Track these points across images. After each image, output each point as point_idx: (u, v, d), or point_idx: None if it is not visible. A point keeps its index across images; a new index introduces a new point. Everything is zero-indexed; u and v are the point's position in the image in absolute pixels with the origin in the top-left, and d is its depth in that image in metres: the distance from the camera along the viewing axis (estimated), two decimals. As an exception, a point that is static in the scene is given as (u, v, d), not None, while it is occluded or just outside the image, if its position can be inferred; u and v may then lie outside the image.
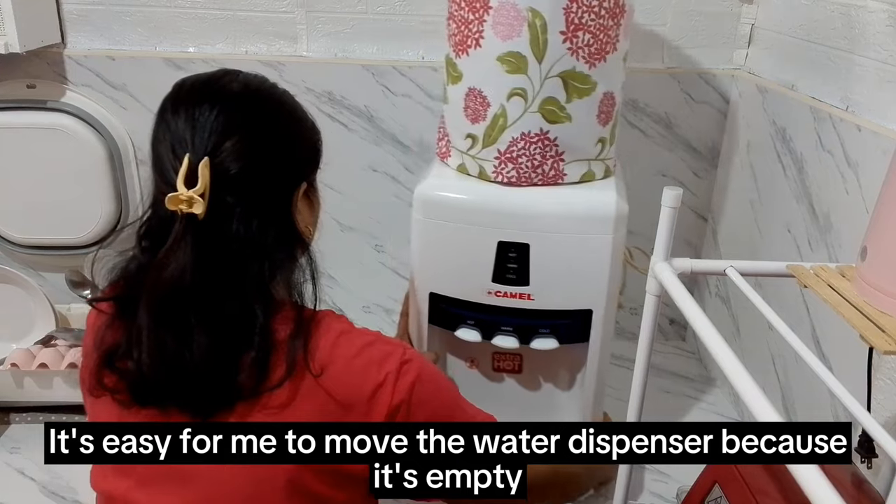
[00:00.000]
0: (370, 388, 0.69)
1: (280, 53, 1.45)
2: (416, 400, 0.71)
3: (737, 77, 1.47)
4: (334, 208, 1.56)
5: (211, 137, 0.67)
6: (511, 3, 0.94)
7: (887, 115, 1.01)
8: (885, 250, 0.62)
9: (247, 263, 0.68)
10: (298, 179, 0.75)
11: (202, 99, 0.69)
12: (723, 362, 0.62)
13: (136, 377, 0.67)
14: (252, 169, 0.68)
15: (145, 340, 0.66)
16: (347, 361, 0.69)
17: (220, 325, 0.66)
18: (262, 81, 0.75)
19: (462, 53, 1.02)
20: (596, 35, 0.96)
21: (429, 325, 1.11)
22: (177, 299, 0.65)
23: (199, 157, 0.66)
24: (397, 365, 0.70)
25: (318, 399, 0.68)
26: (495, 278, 1.03)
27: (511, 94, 0.98)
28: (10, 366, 1.31)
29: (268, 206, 0.70)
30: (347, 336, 0.71)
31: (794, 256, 1.21)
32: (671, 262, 0.78)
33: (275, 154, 0.71)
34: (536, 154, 1.01)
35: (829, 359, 1.10)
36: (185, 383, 0.66)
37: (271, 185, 0.71)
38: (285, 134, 0.74)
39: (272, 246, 0.70)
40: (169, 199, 0.64)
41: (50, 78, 1.41)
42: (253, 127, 0.69)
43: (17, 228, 1.47)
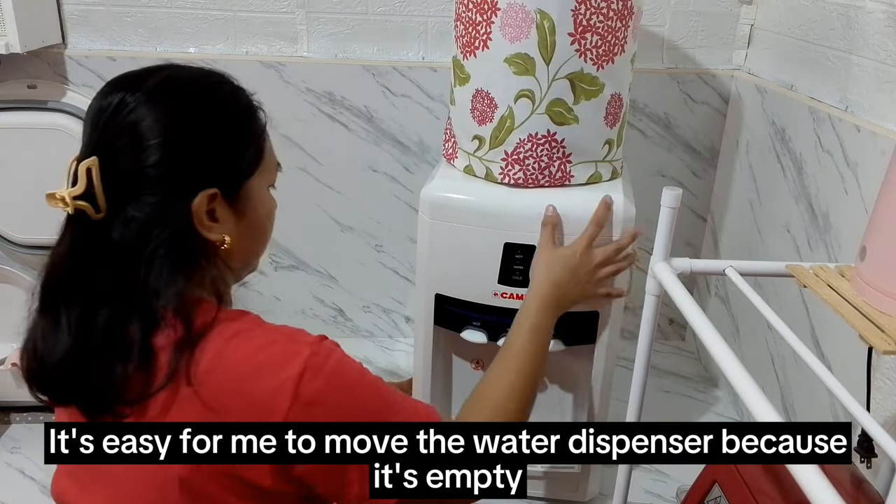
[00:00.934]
0: (260, 395, 0.61)
1: (280, 54, 1.45)
2: (323, 411, 0.62)
3: (736, 77, 1.47)
4: (334, 208, 1.56)
5: (105, 135, 0.63)
6: (520, 4, 0.94)
7: (886, 116, 1.01)
8: (884, 250, 0.62)
9: (126, 269, 0.63)
10: (200, 185, 0.65)
11: (114, 90, 0.65)
12: (722, 362, 0.62)
13: (30, 368, 0.68)
14: (141, 169, 0.63)
15: (31, 328, 0.67)
16: (233, 366, 0.61)
17: (88, 331, 0.63)
18: (193, 77, 0.70)
19: (469, 55, 1.02)
20: (604, 37, 0.96)
21: (434, 326, 1.11)
22: (51, 287, 0.65)
23: (87, 154, 0.63)
24: (299, 369, 0.61)
25: (193, 409, 0.61)
26: (501, 280, 1.03)
27: (518, 95, 0.98)
28: (10, 366, 1.31)
29: (161, 210, 0.63)
30: (244, 337, 0.63)
31: (794, 256, 1.21)
32: (671, 263, 0.78)
33: (171, 154, 0.64)
34: (543, 156, 1.01)
35: (828, 359, 1.10)
36: (54, 377, 0.66)
37: (165, 189, 0.64)
38: (188, 135, 0.65)
39: (164, 254, 0.63)
40: (46, 196, 0.62)
41: (50, 78, 1.41)
42: (151, 124, 0.63)
43: (17, 228, 1.47)
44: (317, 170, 1.52)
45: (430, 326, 1.11)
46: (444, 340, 1.15)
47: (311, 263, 1.61)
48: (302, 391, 0.60)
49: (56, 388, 0.66)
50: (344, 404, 0.63)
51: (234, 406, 0.61)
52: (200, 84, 0.69)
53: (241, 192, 0.69)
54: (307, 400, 0.61)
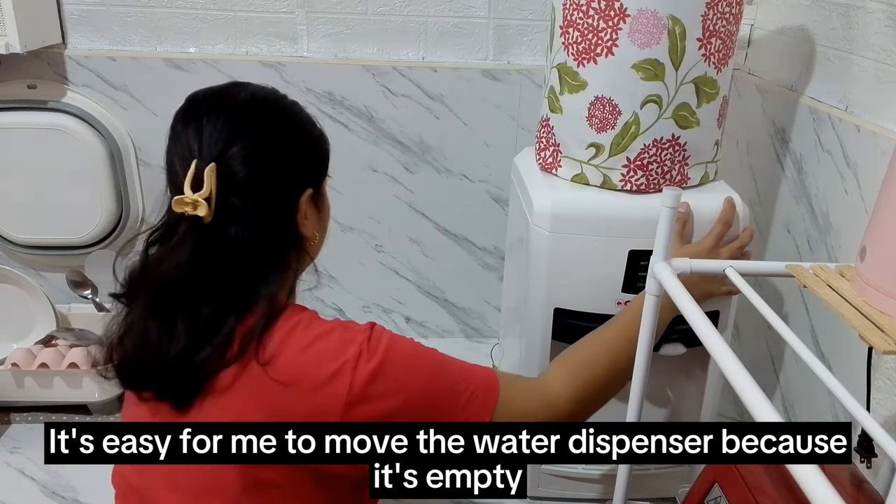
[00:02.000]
0: (322, 377, 0.68)
1: (280, 54, 1.45)
2: (382, 389, 0.69)
3: (736, 77, 1.47)
4: (334, 208, 1.55)
5: (217, 144, 0.70)
6: (651, 11, 0.94)
7: (886, 116, 1.01)
8: (885, 250, 0.62)
9: (240, 266, 0.70)
10: (304, 185, 0.77)
11: (210, 109, 0.72)
12: (723, 362, 0.62)
13: (124, 363, 0.72)
14: (257, 173, 0.71)
15: (136, 329, 0.70)
16: (297, 353, 0.69)
17: (196, 324, 0.69)
18: (271, 92, 0.78)
19: (588, 62, 1.01)
20: (724, 41, 0.99)
21: (552, 341, 1.08)
22: (167, 293, 0.69)
23: (206, 162, 0.69)
24: (356, 352, 0.69)
25: (263, 387, 0.68)
26: (626, 288, 1.02)
27: (645, 101, 0.99)
28: (10, 366, 1.31)
29: (272, 210, 0.73)
30: (303, 327, 0.71)
31: (794, 256, 1.21)
32: (670, 263, 0.78)
33: (280, 159, 0.74)
34: (667, 160, 1.03)
35: (828, 359, 1.10)
36: (162, 373, 0.69)
37: (276, 190, 0.73)
38: (290, 140, 0.76)
39: (269, 249, 0.72)
40: (175, 201, 0.68)
41: (50, 78, 1.41)
42: (258, 133, 0.72)
43: (17, 228, 1.47)
44: (317, 170, 1.52)
45: (548, 342, 1.08)
46: (556, 354, 1.12)
47: (312, 263, 1.61)
48: (359, 372, 0.68)
49: (165, 383, 0.70)
50: (399, 375, 0.70)
51: (299, 381, 0.68)
52: (282, 99, 0.79)
53: (322, 191, 0.81)
54: (365, 380, 0.68)
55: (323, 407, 0.68)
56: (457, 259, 1.62)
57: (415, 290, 1.66)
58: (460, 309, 1.68)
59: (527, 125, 1.50)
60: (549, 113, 1.11)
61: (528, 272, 1.06)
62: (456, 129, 1.50)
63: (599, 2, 0.97)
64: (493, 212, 1.58)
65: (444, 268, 1.63)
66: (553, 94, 1.09)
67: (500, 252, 1.61)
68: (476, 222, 1.59)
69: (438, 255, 1.62)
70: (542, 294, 1.05)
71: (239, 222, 0.70)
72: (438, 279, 1.65)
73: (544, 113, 1.13)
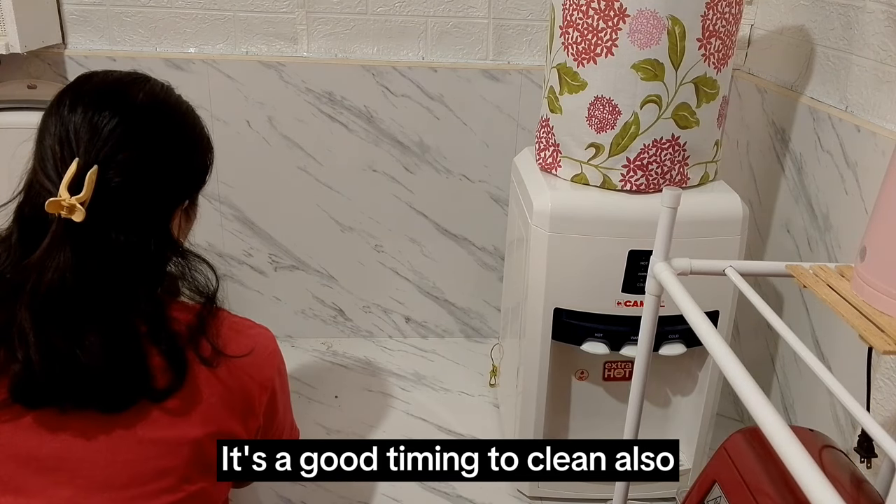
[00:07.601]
0: (260, 379, 0.74)
1: (280, 54, 1.45)
2: (277, 396, 0.78)
3: (736, 77, 1.47)
4: (334, 208, 1.56)
5: (104, 147, 0.65)
6: (651, 11, 0.95)
7: (886, 116, 1.01)
8: (884, 250, 0.62)
9: (130, 268, 0.67)
10: (182, 198, 0.74)
11: (103, 104, 0.67)
12: (722, 362, 0.62)
13: (23, 377, 0.64)
14: (139, 184, 0.67)
15: (32, 340, 0.63)
16: (233, 351, 0.72)
17: (112, 325, 0.65)
18: (168, 94, 0.74)
19: (587, 62, 1.01)
20: (724, 41, 1.00)
21: (552, 341, 1.08)
22: (60, 301, 0.64)
23: (88, 163, 0.64)
24: (274, 347, 0.77)
25: (217, 390, 0.70)
26: (625, 288, 1.02)
27: (645, 101, 0.99)
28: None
29: (147, 219, 0.69)
30: (227, 325, 0.73)
31: (794, 256, 1.21)
32: (670, 262, 0.78)
33: (163, 174, 0.70)
34: (666, 160, 1.03)
35: (828, 359, 1.10)
36: (83, 382, 0.64)
37: (154, 202, 0.70)
38: (177, 156, 0.73)
39: (153, 252, 0.70)
40: (49, 203, 0.62)
41: (50, 78, 1.41)
42: (147, 144, 0.68)
43: (17, 229, 1.47)
44: (317, 170, 1.52)
45: (548, 341, 1.08)
46: (559, 355, 1.12)
47: (311, 263, 1.61)
48: (279, 363, 0.78)
49: (79, 394, 0.65)
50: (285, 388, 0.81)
51: (246, 388, 0.72)
52: (178, 104, 0.76)
53: (196, 200, 0.79)
54: (280, 370, 0.78)
55: None
56: (457, 259, 1.62)
57: (415, 290, 1.66)
58: (460, 309, 1.68)
59: (527, 125, 1.50)
60: (548, 113, 1.11)
61: (528, 272, 1.06)
62: (456, 130, 1.50)
63: (599, 2, 0.97)
64: (493, 212, 1.58)
65: (444, 268, 1.63)
66: (553, 95, 1.09)
67: (499, 252, 1.62)
68: (476, 222, 1.59)
69: (438, 255, 1.62)
70: (541, 294, 1.05)
71: (116, 228, 0.66)
72: (438, 279, 1.65)
73: (544, 113, 1.13)
